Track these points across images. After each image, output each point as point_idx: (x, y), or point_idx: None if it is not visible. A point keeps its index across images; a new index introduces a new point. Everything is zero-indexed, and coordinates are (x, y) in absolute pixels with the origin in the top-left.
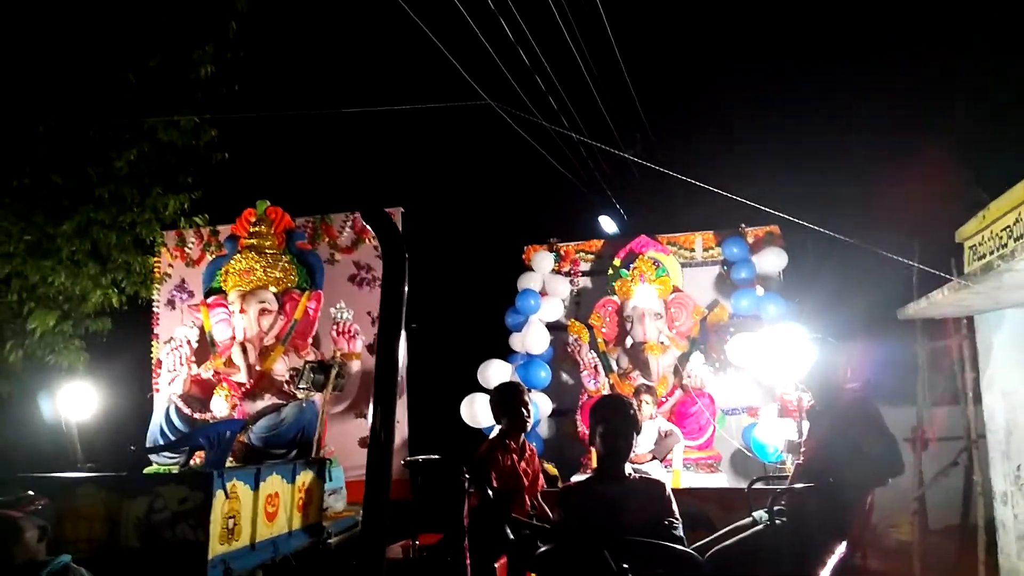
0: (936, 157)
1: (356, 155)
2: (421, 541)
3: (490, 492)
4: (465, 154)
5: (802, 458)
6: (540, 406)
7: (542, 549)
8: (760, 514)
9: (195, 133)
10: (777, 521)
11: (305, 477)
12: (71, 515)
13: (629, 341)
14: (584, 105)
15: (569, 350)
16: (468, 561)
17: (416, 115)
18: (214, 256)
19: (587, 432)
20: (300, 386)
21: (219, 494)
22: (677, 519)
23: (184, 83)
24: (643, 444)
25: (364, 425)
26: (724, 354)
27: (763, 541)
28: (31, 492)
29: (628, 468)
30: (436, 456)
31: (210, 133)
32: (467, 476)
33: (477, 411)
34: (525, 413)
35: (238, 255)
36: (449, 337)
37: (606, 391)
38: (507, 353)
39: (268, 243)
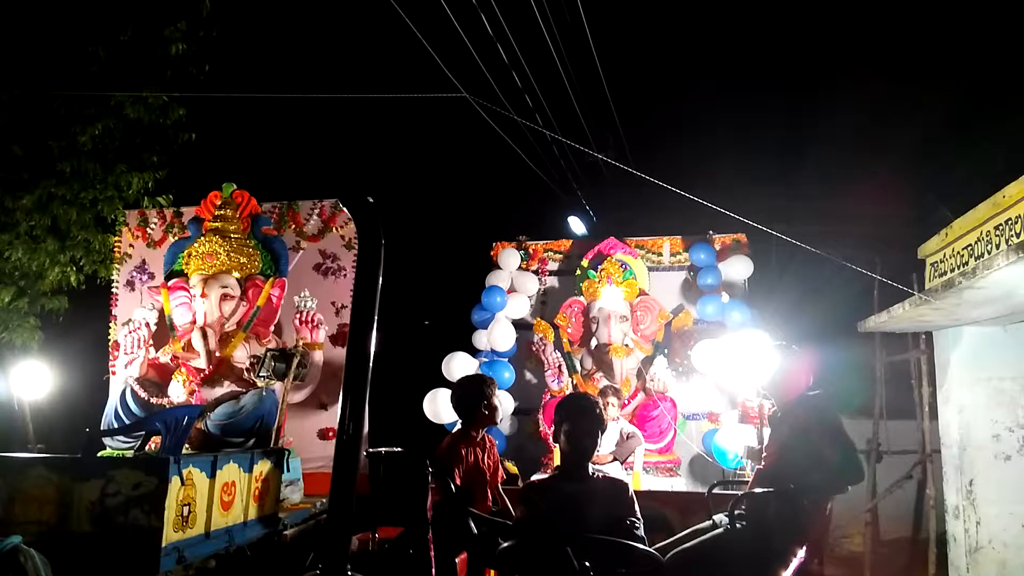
0: (900, 174)
1: (326, 143)
2: (381, 534)
3: (453, 486)
4: (436, 147)
5: (763, 463)
6: (503, 405)
7: (504, 545)
8: (720, 517)
9: (163, 111)
10: (738, 525)
11: (263, 467)
12: (21, 497)
13: (594, 342)
14: (559, 104)
15: (534, 349)
16: (432, 554)
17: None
18: (177, 238)
19: (549, 432)
20: (261, 374)
21: (174, 480)
22: (639, 519)
23: (154, 60)
24: (605, 445)
25: (323, 416)
26: (688, 359)
27: (724, 544)
28: None
29: (591, 468)
30: (399, 449)
31: (178, 112)
32: (430, 470)
33: (440, 407)
34: (490, 407)
35: (201, 238)
36: (412, 331)
37: (569, 391)
38: (471, 350)
39: (233, 227)
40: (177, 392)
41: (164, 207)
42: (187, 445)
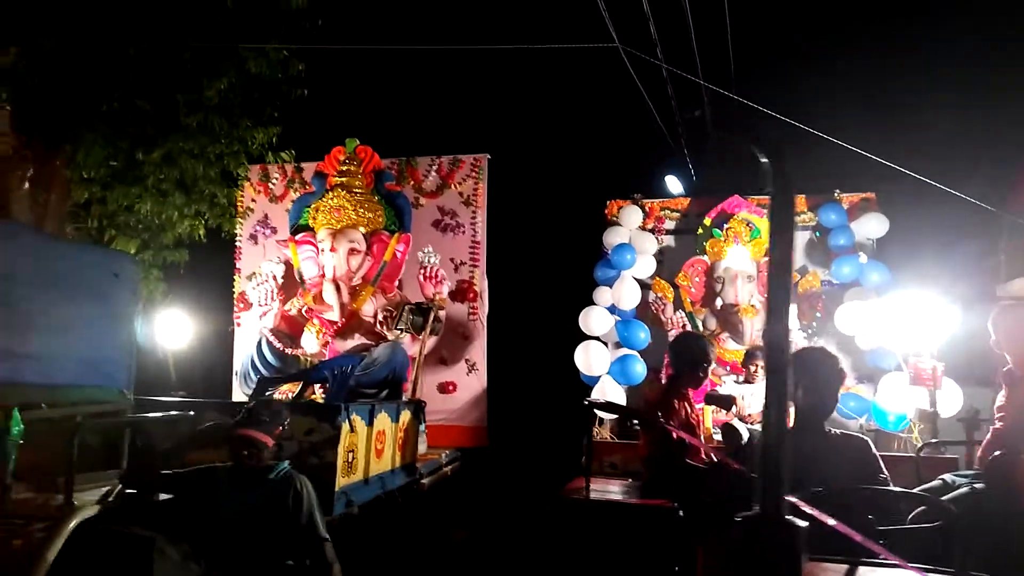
0: None
1: (443, 98)
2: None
3: (674, 434)
4: (550, 103)
5: (1000, 423)
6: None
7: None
8: (951, 477)
9: (283, 66)
10: (978, 486)
11: (405, 417)
12: (197, 440)
13: (719, 303)
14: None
15: (652, 309)
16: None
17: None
18: (299, 193)
19: None
20: (398, 327)
21: (344, 427)
22: (886, 474)
23: (275, 14)
24: (755, 405)
25: (443, 371)
26: (815, 321)
27: (978, 504)
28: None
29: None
30: (612, 402)
31: (297, 67)
32: (636, 422)
33: (592, 360)
34: (707, 368)
35: (328, 193)
36: (527, 286)
37: None
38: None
39: (357, 183)
40: (310, 343)
41: (287, 162)
42: (311, 394)
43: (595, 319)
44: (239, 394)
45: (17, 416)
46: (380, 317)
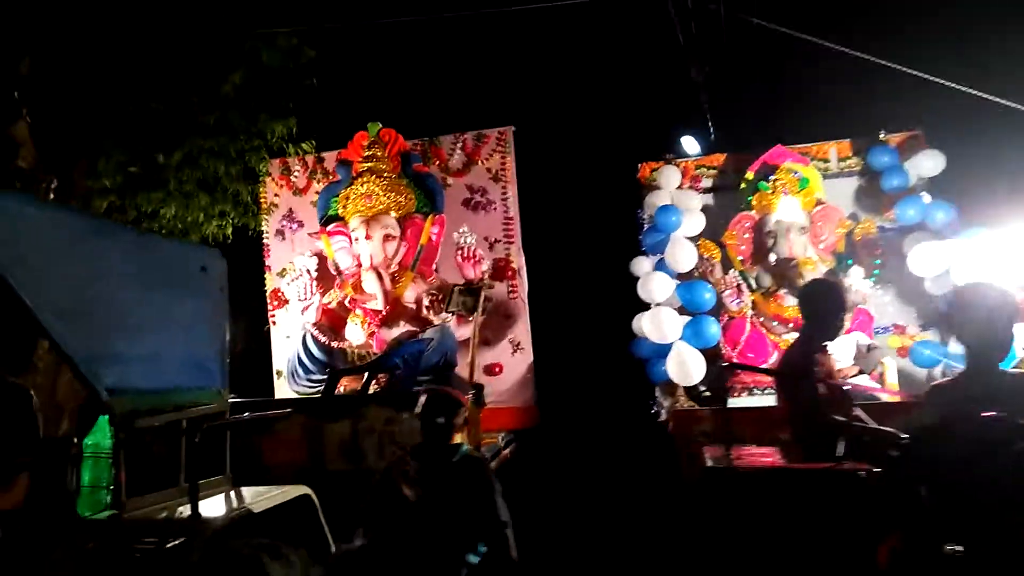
0: None
1: (459, 73)
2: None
3: (822, 388)
4: (568, 68)
5: None
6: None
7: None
8: None
9: (294, 55)
10: None
11: (468, 401)
12: (269, 439)
13: (772, 258)
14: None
15: (698, 271)
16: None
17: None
18: (322, 184)
19: (732, 353)
20: (448, 310)
21: None
22: None
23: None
24: (845, 357)
25: (487, 352)
26: (874, 268)
27: None
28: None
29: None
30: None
31: (308, 55)
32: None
33: (665, 327)
34: (843, 315)
35: (356, 180)
36: (564, 258)
37: (750, 312)
38: (627, 275)
39: (384, 167)
40: (356, 335)
41: (307, 153)
42: (375, 384)
43: (657, 285)
44: (285, 392)
45: (106, 426)
46: (426, 302)
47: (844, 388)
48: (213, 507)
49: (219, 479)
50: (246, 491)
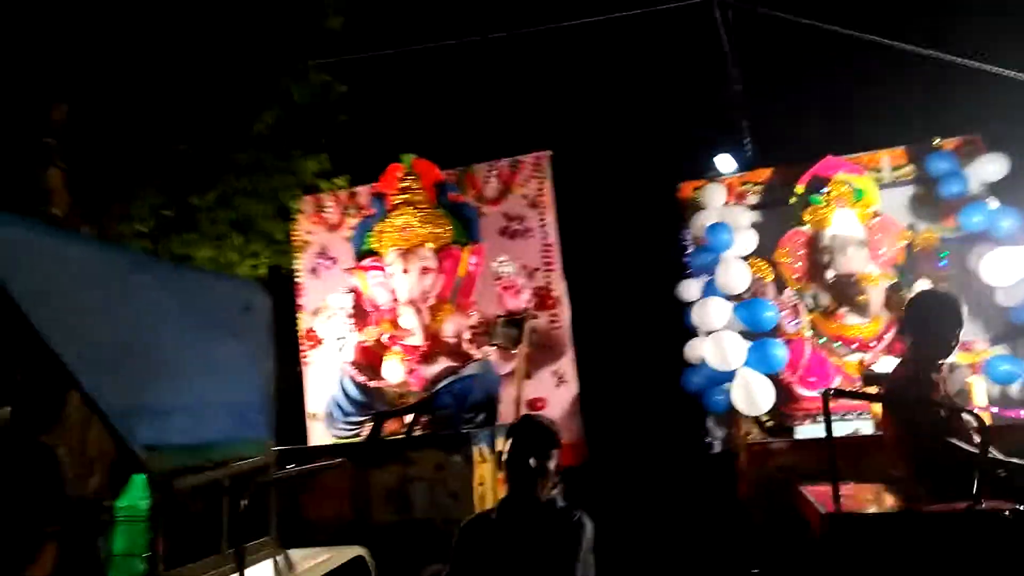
0: None
1: (490, 99)
2: None
3: (943, 413)
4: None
5: None
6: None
7: None
8: None
9: (324, 90)
10: None
11: None
12: (309, 492)
13: (830, 275)
14: None
15: (751, 292)
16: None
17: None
18: (356, 219)
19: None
20: (493, 343)
21: (476, 456)
22: None
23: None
24: None
25: (528, 386)
26: (938, 282)
27: None
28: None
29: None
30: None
31: (339, 90)
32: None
33: (728, 351)
34: (959, 329)
35: (391, 212)
36: (606, 285)
37: (808, 333)
38: (673, 299)
39: (420, 198)
40: (394, 372)
41: (341, 188)
42: (418, 426)
43: (714, 309)
44: (321, 436)
45: (141, 486)
46: (467, 335)
47: (977, 413)
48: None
49: (264, 541)
50: (295, 555)
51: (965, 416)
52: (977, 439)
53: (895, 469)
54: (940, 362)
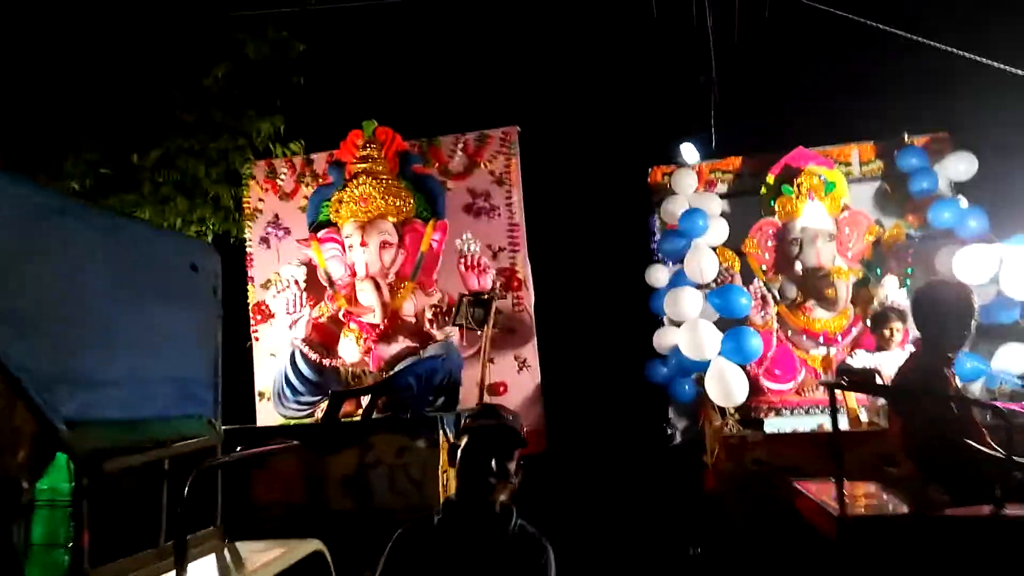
0: None
1: (459, 68)
2: None
3: (955, 410)
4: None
5: None
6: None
7: None
8: None
9: (282, 48)
10: None
11: None
12: (259, 474)
13: (798, 267)
14: None
15: (716, 282)
16: None
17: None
18: (311, 187)
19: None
20: (456, 322)
21: (443, 442)
22: None
23: None
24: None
25: (491, 370)
26: (905, 277)
27: None
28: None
29: None
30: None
31: (297, 48)
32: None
33: (703, 341)
34: (972, 321)
35: (351, 182)
36: (573, 268)
37: (775, 325)
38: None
39: (381, 168)
40: (350, 352)
41: (295, 154)
42: (377, 409)
43: (687, 300)
44: (270, 417)
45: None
46: (428, 315)
47: (1002, 409)
48: (203, 573)
49: (208, 533)
50: (244, 548)
51: (978, 412)
52: (989, 438)
53: (894, 467)
54: (951, 355)
